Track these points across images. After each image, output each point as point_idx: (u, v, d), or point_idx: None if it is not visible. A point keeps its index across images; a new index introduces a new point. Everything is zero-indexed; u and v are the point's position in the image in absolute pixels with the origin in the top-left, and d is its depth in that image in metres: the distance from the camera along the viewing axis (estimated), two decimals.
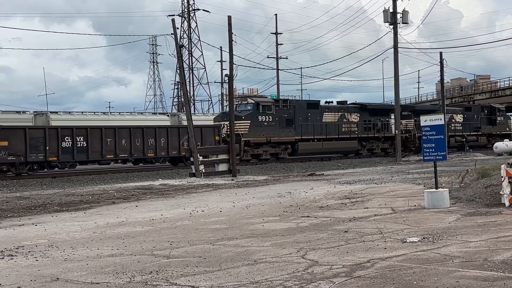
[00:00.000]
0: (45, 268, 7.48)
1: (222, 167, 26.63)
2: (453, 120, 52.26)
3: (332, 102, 45.35)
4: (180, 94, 69.65)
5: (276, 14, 65.53)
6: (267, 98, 41.37)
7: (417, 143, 45.98)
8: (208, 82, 75.46)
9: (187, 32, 72.77)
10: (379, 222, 10.49)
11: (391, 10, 38.58)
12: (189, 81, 70.13)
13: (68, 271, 7.25)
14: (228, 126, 36.33)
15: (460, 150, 46.34)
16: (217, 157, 26.95)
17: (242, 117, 37.49)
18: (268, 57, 65.40)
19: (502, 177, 11.85)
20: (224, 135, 36.16)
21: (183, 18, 72.77)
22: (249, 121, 37.79)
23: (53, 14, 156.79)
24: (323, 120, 42.33)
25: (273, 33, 64.96)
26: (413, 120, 47.43)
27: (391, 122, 46.14)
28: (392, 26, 38.66)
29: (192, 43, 73.10)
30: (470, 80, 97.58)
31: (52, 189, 21.20)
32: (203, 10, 73.86)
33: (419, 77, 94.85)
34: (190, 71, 72.00)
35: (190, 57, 72.66)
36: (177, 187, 20.70)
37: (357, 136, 44.32)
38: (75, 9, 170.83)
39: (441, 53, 45.41)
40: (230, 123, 27.60)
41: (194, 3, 73.69)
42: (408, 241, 8.36)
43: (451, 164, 27.74)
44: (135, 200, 16.59)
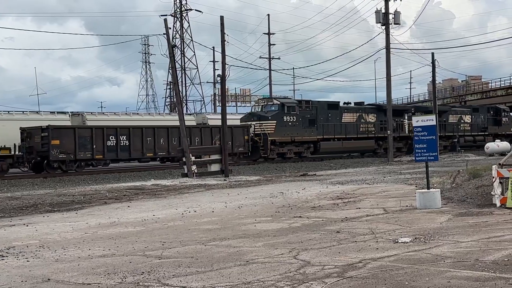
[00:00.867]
0: (36, 269, 7.45)
1: (215, 167, 26.60)
2: (462, 121, 54.43)
3: (350, 103, 47.14)
4: (173, 94, 69.49)
5: (269, 15, 65.49)
6: (291, 99, 43.20)
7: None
8: (201, 82, 75.32)
9: (180, 32, 72.57)
10: (371, 223, 10.51)
11: (383, 11, 38.66)
12: (182, 81, 69.96)
13: (60, 272, 7.22)
14: (256, 126, 38.94)
15: (452, 151, 47.03)
16: (210, 157, 26.91)
17: (269, 117, 39.27)
18: (261, 58, 65.42)
19: (493, 178, 11.90)
20: (252, 134, 38.71)
21: (176, 18, 72.54)
22: (275, 121, 39.34)
23: (46, 14, 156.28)
24: (343, 121, 44.07)
25: (266, 34, 64.96)
26: None
27: (406, 123, 47.88)
28: (384, 27, 38.76)
29: (185, 43, 72.90)
30: (462, 81, 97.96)
31: (44, 189, 21.10)
32: (196, 10, 73.89)
33: (411, 78, 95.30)
34: (183, 71, 71.82)
35: (183, 57, 72.48)
36: (169, 188, 20.66)
37: (374, 136, 45.96)
38: (68, 9, 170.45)
39: (433, 54, 45.53)
40: (222, 123, 27.52)
41: (187, 3, 73.44)
42: (400, 242, 8.38)
43: (443, 165, 27.84)
44: (127, 201, 16.54)
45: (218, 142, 33.50)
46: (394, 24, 39.15)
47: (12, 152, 30.62)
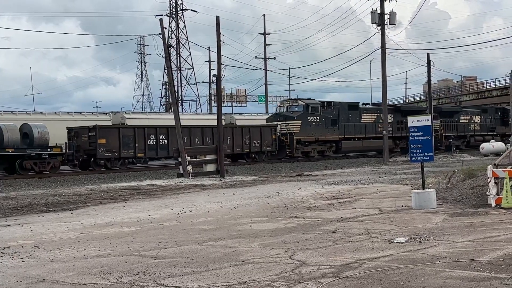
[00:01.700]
0: (32, 269, 7.42)
1: (210, 168, 26.58)
2: (472, 121, 55.92)
3: (369, 104, 49.26)
4: (168, 94, 69.39)
5: (264, 15, 65.74)
6: (315, 100, 44.27)
7: (446, 142, 50.58)
8: (196, 82, 75.21)
9: (175, 32, 72.53)
10: (367, 223, 10.52)
11: (379, 11, 38.72)
12: (177, 81, 69.87)
13: (55, 272, 7.20)
14: (282, 126, 40.46)
15: (447, 151, 47.34)
16: (205, 157, 26.89)
17: (294, 118, 40.92)
18: (256, 58, 65.48)
19: (488, 178, 11.93)
20: (279, 134, 40.51)
21: (171, 18, 72.46)
22: (300, 121, 40.92)
23: (41, 14, 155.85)
24: (362, 121, 45.82)
25: (262, 34, 64.96)
26: (439, 121, 51.23)
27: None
28: (380, 27, 38.81)
29: (180, 43, 72.84)
30: (457, 81, 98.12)
31: (39, 189, 21.05)
32: (191, 10, 73.69)
33: (407, 78, 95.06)
34: (178, 71, 71.76)
35: (178, 57, 72.40)
36: (165, 188, 20.64)
37: (392, 135, 46.93)
38: (64, 9, 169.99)
39: (428, 54, 45.67)
40: (218, 123, 27.51)
41: (182, 3, 73.33)
42: (396, 242, 8.39)
43: (438, 165, 27.90)
44: (123, 201, 16.51)
45: (248, 141, 36.65)
46: (390, 25, 39.25)
47: (64, 150, 31.52)
